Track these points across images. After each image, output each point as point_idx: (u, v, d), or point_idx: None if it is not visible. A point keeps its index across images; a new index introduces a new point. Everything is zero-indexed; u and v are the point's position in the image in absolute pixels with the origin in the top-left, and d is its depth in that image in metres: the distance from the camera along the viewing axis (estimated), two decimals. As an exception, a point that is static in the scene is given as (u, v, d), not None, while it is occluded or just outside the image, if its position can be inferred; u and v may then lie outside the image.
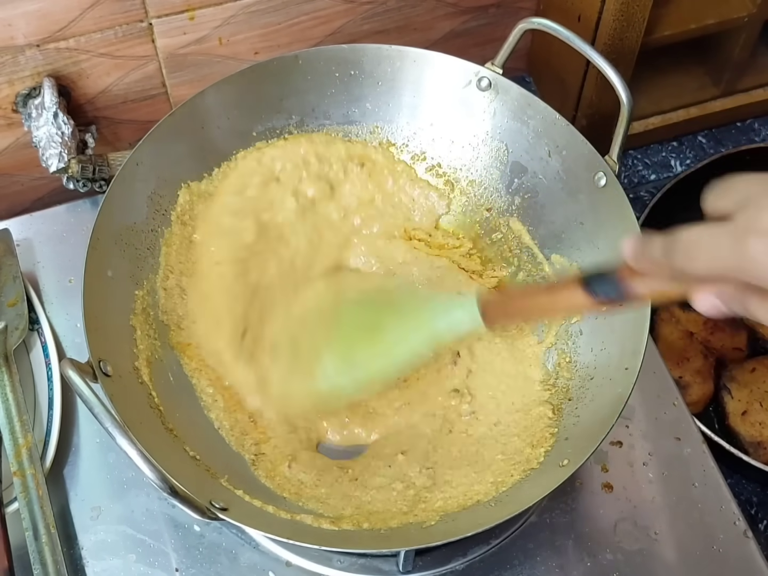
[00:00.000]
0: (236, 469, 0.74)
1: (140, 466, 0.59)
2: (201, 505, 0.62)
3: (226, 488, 0.69)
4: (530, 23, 0.81)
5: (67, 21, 0.87)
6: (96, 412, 0.60)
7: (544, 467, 0.71)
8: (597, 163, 0.78)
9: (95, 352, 0.67)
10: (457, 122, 0.87)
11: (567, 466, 0.67)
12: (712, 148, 1.21)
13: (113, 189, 0.76)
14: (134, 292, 0.77)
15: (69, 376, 0.61)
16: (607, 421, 0.67)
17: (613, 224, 0.77)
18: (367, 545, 0.70)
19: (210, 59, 0.96)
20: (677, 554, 0.79)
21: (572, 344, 0.79)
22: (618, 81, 0.76)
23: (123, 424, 0.61)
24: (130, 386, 0.71)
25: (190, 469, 0.69)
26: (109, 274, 0.74)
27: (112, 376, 0.67)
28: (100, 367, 0.66)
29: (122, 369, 0.70)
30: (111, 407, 0.63)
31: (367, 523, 0.70)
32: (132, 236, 0.78)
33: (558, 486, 0.65)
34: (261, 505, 0.69)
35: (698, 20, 1.05)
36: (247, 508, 0.68)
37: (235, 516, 0.64)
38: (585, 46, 0.78)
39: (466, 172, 0.88)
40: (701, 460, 0.83)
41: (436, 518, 0.69)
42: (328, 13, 0.98)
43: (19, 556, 0.74)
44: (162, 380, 0.75)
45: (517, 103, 0.84)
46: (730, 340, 1.08)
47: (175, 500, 0.60)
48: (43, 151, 0.89)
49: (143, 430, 0.65)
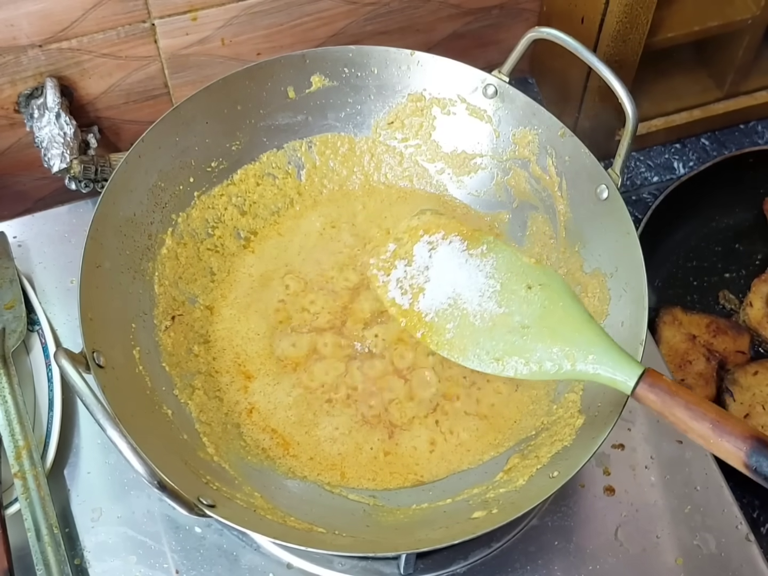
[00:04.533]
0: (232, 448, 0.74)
1: (129, 459, 0.59)
2: (189, 501, 0.62)
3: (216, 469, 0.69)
4: (539, 32, 0.80)
5: (70, 21, 0.87)
6: (87, 403, 0.60)
7: (534, 478, 0.71)
8: (600, 175, 0.78)
9: (89, 342, 0.67)
10: (461, 128, 0.87)
11: (556, 479, 0.67)
12: (715, 151, 1.20)
13: (114, 180, 0.76)
14: (132, 284, 0.77)
15: (62, 365, 0.62)
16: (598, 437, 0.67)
17: (614, 237, 0.77)
18: (358, 549, 0.69)
19: (212, 60, 0.96)
20: (679, 558, 0.79)
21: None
22: (624, 94, 0.75)
23: (114, 416, 0.61)
24: (124, 377, 0.71)
25: (181, 465, 0.69)
26: (107, 265, 0.74)
27: (105, 367, 0.67)
28: (94, 358, 0.66)
29: (117, 360, 0.70)
30: (103, 399, 0.63)
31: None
32: (131, 228, 0.78)
33: (547, 498, 0.65)
34: (250, 491, 0.69)
35: (701, 22, 1.05)
36: (235, 506, 0.68)
37: (222, 513, 0.64)
38: (592, 58, 0.77)
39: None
40: (703, 463, 0.83)
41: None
42: (330, 14, 0.97)
43: (20, 557, 0.74)
44: (157, 369, 0.75)
45: (523, 112, 0.84)
46: (733, 343, 1.08)
47: (163, 494, 0.60)
48: (45, 152, 0.89)
49: (135, 423, 0.66)
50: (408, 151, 0.90)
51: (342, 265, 0.86)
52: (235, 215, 0.87)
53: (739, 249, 1.18)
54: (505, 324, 0.72)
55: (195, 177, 0.84)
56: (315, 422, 0.78)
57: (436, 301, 0.76)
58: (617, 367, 0.65)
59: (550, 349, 0.68)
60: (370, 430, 0.78)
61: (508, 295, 0.73)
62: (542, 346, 0.69)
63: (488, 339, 0.72)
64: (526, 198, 0.86)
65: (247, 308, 0.84)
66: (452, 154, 0.89)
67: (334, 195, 0.90)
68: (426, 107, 0.88)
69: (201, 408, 0.76)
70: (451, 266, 0.77)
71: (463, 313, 0.74)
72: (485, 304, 0.73)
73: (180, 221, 0.83)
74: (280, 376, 0.80)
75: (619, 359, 0.66)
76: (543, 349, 0.69)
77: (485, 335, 0.72)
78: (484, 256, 0.76)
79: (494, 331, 0.72)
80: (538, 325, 0.70)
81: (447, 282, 0.76)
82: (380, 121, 0.89)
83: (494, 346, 0.72)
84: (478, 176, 0.88)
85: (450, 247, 0.78)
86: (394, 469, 0.76)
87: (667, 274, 1.14)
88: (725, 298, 1.14)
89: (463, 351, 0.73)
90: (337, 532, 0.68)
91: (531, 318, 0.71)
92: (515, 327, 0.71)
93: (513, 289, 0.73)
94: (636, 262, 0.74)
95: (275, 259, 0.87)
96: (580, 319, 0.69)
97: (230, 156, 0.86)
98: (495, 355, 0.71)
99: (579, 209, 0.81)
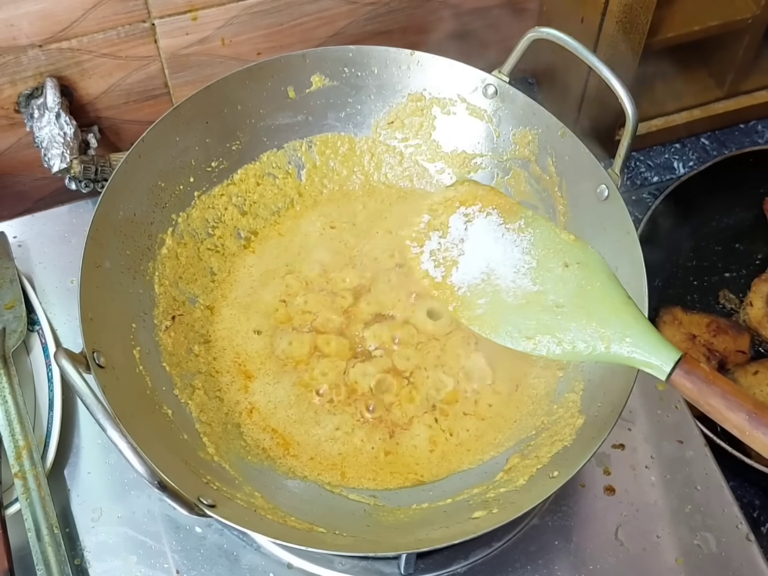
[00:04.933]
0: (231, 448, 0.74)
1: (129, 459, 0.58)
2: (189, 501, 0.62)
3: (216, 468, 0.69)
4: (539, 33, 0.80)
5: (70, 21, 0.87)
6: (88, 403, 0.60)
7: (534, 478, 0.70)
8: (600, 175, 0.78)
9: (89, 342, 0.67)
10: (461, 128, 0.87)
11: (557, 478, 0.67)
12: (715, 150, 1.21)
13: (114, 180, 0.76)
14: (133, 284, 0.77)
15: (62, 366, 0.61)
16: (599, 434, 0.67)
17: (614, 237, 0.77)
18: (359, 549, 0.69)
19: (212, 60, 0.96)
20: (679, 557, 0.79)
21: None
22: (625, 94, 0.75)
23: (114, 416, 0.61)
24: (124, 377, 0.71)
25: (181, 465, 0.69)
26: (107, 265, 0.74)
27: (105, 367, 0.67)
28: (94, 358, 0.66)
29: (117, 360, 0.70)
30: (103, 399, 0.63)
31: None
32: (132, 228, 0.78)
33: (547, 497, 0.65)
34: (250, 491, 0.69)
35: (701, 22, 1.05)
36: (235, 506, 0.68)
37: (222, 513, 0.64)
38: (592, 57, 0.77)
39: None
40: (703, 463, 0.83)
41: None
42: (330, 14, 0.97)
43: (21, 557, 0.74)
44: (157, 369, 0.75)
45: (523, 112, 0.84)
46: (733, 342, 1.08)
47: (163, 494, 0.60)
48: (46, 152, 0.89)
49: (135, 423, 0.65)
50: (408, 150, 0.90)
51: (342, 265, 0.86)
52: (236, 215, 0.87)
53: (739, 249, 1.18)
54: (539, 302, 0.70)
55: (195, 177, 0.84)
56: (315, 421, 0.78)
57: (469, 276, 0.75)
58: (653, 352, 0.64)
59: (584, 329, 0.67)
60: (371, 429, 0.78)
61: (544, 272, 0.72)
62: (576, 326, 0.68)
63: (520, 317, 0.70)
64: (527, 198, 0.86)
65: (248, 308, 0.84)
66: (452, 154, 0.89)
67: (334, 195, 0.90)
68: (426, 107, 0.88)
69: (201, 408, 0.76)
70: (487, 240, 0.75)
71: (495, 289, 0.73)
72: (519, 281, 0.72)
73: (180, 221, 0.83)
74: (281, 375, 0.80)
75: (656, 344, 0.64)
76: (577, 330, 0.67)
77: (518, 313, 0.71)
78: (521, 231, 0.75)
79: (527, 309, 0.70)
80: (574, 305, 0.69)
81: (481, 256, 0.75)
82: (380, 120, 0.89)
83: (527, 324, 0.70)
84: (478, 176, 0.88)
85: (487, 221, 0.76)
86: (395, 469, 0.76)
87: (667, 274, 1.15)
88: (725, 297, 1.14)
89: (494, 327, 0.72)
90: (338, 532, 0.68)
91: (566, 297, 0.69)
92: (549, 306, 0.70)
93: (549, 266, 0.72)
94: (636, 262, 0.74)
95: (276, 258, 0.87)
96: (617, 300, 0.67)
97: (230, 156, 0.86)
98: (527, 333, 0.70)
99: (579, 209, 0.81)
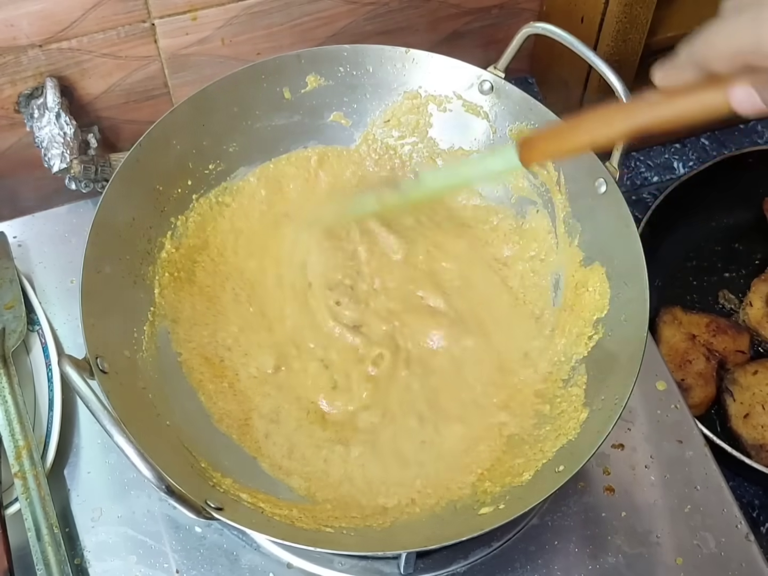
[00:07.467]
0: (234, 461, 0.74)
1: (137, 464, 0.58)
2: (197, 505, 0.62)
3: (221, 482, 0.69)
4: (534, 28, 0.80)
5: (70, 21, 0.87)
6: (93, 409, 0.60)
7: (540, 473, 0.71)
8: (597, 169, 0.78)
9: (92, 348, 0.67)
10: (458, 125, 0.87)
11: (562, 473, 0.67)
12: (714, 150, 1.20)
13: (113, 185, 0.76)
14: (133, 288, 0.77)
15: (67, 373, 0.61)
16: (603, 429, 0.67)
17: (613, 231, 0.77)
18: (367, 548, 0.70)
19: (212, 60, 0.96)
20: (679, 558, 0.79)
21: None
22: (621, 87, 0.75)
23: (119, 422, 0.61)
24: (127, 382, 0.71)
25: (187, 468, 0.69)
26: (108, 270, 0.74)
27: (108, 372, 0.67)
28: (98, 363, 0.66)
29: (120, 365, 0.70)
30: (108, 404, 0.63)
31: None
32: (131, 232, 0.78)
33: (553, 492, 0.65)
34: (256, 500, 0.69)
35: (701, 22, 1.05)
36: (243, 508, 0.68)
37: (230, 516, 0.64)
38: (588, 52, 0.78)
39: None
40: (703, 462, 0.83)
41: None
42: (330, 14, 0.97)
43: (20, 557, 0.74)
44: (158, 375, 0.75)
45: (519, 107, 0.84)
46: (733, 342, 1.08)
47: (171, 499, 0.60)
48: (46, 152, 0.89)
49: (140, 428, 0.65)
50: (405, 149, 0.90)
51: (342, 265, 0.86)
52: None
53: (739, 249, 1.18)
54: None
55: (193, 180, 0.84)
56: (317, 446, 0.77)
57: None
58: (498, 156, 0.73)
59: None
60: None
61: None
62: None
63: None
64: (524, 193, 0.86)
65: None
66: (449, 151, 0.89)
67: (332, 194, 0.90)
68: (422, 104, 0.87)
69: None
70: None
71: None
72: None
73: (179, 224, 0.83)
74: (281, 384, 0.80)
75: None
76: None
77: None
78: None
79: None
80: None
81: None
82: (376, 119, 0.89)
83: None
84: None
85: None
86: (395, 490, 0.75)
87: (667, 273, 1.14)
88: (725, 297, 1.14)
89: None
90: (345, 532, 0.68)
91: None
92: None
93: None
94: (636, 255, 0.74)
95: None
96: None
97: (227, 158, 0.86)
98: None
99: (577, 203, 0.81)
